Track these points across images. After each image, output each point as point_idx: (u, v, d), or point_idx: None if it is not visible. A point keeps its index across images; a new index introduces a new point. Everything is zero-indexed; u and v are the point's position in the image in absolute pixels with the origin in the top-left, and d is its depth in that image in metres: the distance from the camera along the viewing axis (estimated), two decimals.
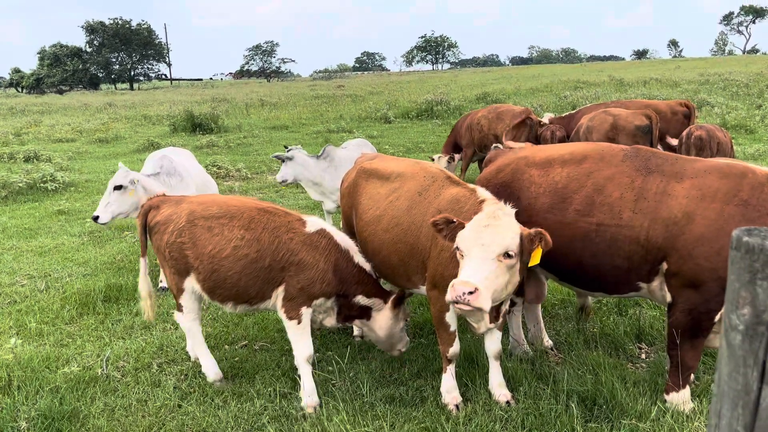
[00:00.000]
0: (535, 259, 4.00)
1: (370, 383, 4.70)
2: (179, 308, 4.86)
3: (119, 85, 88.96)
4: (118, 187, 6.32)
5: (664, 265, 4.10)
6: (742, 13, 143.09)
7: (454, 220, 3.99)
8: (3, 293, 6.92)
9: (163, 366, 5.18)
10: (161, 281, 6.95)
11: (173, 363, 5.22)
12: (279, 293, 4.63)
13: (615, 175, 4.33)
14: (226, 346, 5.54)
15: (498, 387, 4.54)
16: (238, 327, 5.92)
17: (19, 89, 79.28)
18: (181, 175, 6.99)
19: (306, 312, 4.63)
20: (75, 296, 6.54)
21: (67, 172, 14.01)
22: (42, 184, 12.24)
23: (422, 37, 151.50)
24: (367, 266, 4.87)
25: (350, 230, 5.43)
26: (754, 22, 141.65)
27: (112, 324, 6.01)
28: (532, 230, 3.93)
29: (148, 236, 4.94)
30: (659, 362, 4.80)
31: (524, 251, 3.90)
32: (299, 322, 4.62)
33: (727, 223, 3.91)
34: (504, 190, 4.69)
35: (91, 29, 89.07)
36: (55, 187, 12.28)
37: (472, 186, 4.61)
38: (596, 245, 4.28)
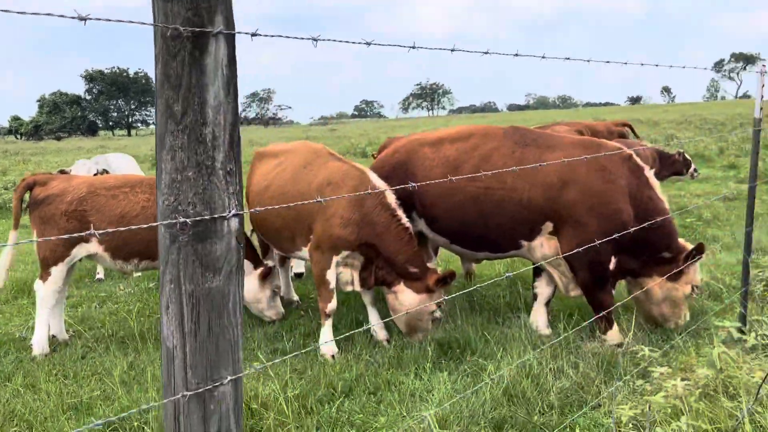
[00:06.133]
0: None
1: (261, 339, 5.19)
2: (45, 278, 5.13)
3: (117, 132, 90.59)
4: None
5: (549, 226, 4.86)
6: (733, 59, 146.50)
7: None
8: None
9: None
10: (98, 273, 7.48)
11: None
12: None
13: (499, 147, 5.04)
14: None
15: (379, 329, 5.13)
16: None
17: (18, 136, 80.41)
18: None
19: None
20: (14, 283, 7.06)
21: None
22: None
23: (417, 84, 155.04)
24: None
25: None
26: (744, 69, 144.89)
27: None
28: None
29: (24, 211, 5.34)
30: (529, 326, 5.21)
31: None
32: None
33: (593, 184, 4.73)
34: (401, 167, 5.35)
35: (91, 78, 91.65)
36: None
37: (360, 166, 5.18)
38: (484, 206, 4.93)
